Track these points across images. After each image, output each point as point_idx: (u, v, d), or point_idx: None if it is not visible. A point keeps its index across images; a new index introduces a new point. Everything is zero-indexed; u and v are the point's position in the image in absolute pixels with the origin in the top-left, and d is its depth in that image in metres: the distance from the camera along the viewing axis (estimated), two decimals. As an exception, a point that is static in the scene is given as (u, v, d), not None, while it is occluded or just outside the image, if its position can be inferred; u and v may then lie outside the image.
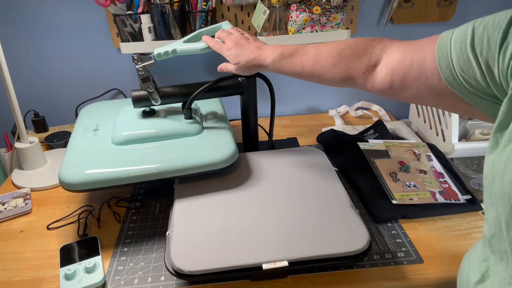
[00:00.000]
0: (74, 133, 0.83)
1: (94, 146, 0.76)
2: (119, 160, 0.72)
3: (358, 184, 0.83)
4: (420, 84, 0.48)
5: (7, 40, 1.06)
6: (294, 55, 0.63)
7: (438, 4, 1.10)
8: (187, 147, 0.75)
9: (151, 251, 0.69)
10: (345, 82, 0.59)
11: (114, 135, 0.78)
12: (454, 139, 0.94)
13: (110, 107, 0.93)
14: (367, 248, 0.60)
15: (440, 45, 0.44)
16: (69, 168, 0.71)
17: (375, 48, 0.55)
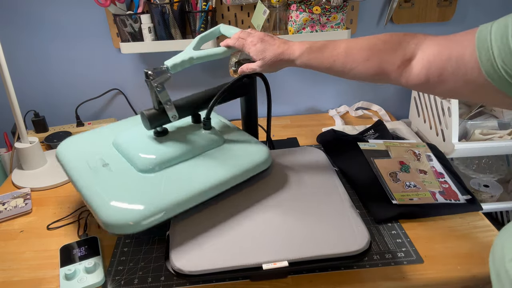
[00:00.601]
0: (79, 175, 0.68)
1: (125, 182, 0.65)
2: (167, 188, 0.64)
3: (358, 184, 0.83)
4: (458, 78, 0.48)
5: (7, 40, 1.06)
6: (324, 49, 0.62)
7: (438, 4, 1.10)
8: (223, 158, 0.71)
9: (151, 251, 0.69)
10: (378, 77, 0.58)
11: (139, 163, 0.67)
12: (454, 139, 0.94)
13: (92, 138, 0.79)
14: (367, 248, 0.60)
15: (479, 38, 0.44)
16: (118, 213, 0.59)
17: (410, 43, 0.55)
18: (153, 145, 0.71)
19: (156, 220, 0.60)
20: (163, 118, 0.71)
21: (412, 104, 1.21)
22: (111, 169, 0.68)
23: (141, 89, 1.19)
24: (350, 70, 0.60)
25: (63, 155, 0.75)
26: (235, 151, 0.73)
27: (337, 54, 0.61)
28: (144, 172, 0.67)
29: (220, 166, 0.69)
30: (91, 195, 0.63)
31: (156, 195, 0.62)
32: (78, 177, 0.68)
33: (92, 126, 1.15)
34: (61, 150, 0.76)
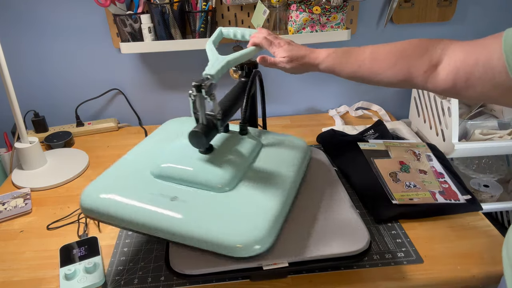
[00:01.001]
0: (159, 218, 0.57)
1: (219, 206, 0.59)
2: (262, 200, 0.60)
3: (358, 184, 0.83)
4: (485, 82, 0.48)
5: (7, 40, 1.06)
6: (349, 54, 0.64)
7: (438, 4, 1.10)
8: (278, 158, 0.70)
9: (151, 251, 0.69)
10: (404, 82, 0.59)
11: (214, 183, 0.61)
12: (454, 139, 0.94)
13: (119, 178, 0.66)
14: (367, 248, 0.60)
15: (506, 41, 0.45)
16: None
17: (436, 48, 0.55)
18: (211, 163, 0.63)
19: (275, 234, 0.57)
20: (213, 131, 0.64)
21: (412, 104, 1.21)
22: (185, 200, 0.59)
23: (141, 89, 1.19)
24: (376, 75, 0.61)
25: (107, 205, 0.59)
26: (278, 148, 0.73)
27: (363, 59, 0.62)
28: (222, 191, 0.61)
29: (282, 167, 0.67)
30: (205, 233, 0.54)
31: (261, 210, 0.58)
32: (164, 221, 0.56)
33: (92, 126, 1.15)
34: (102, 203, 0.59)
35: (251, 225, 0.55)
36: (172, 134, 0.77)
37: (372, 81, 0.62)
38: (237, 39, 0.79)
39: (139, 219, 0.57)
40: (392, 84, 0.61)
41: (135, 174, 0.65)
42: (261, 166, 0.67)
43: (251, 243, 0.53)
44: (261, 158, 0.70)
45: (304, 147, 0.76)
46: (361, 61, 0.62)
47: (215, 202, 0.59)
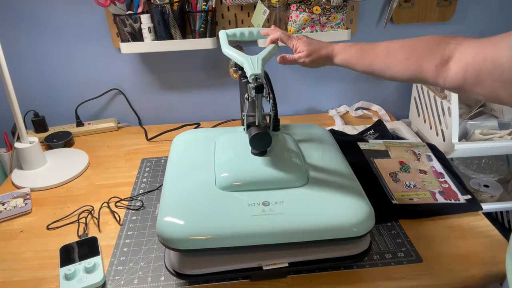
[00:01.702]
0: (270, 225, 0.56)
1: (313, 198, 0.60)
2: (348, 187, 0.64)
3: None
4: (494, 79, 0.49)
5: (7, 40, 1.06)
6: (364, 48, 0.65)
7: (438, 4, 1.10)
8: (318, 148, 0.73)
9: (151, 251, 0.69)
10: (416, 77, 0.59)
11: (295, 179, 0.61)
12: (454, 139, 0.94)
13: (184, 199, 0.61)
14: (367, 248, 0.60)
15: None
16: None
17: (449, 44, 0.55)
18: (276, 162, 0.63)
19: None
20: (270, 131, 0.63)
21: (412, 104, 1.21)
22: (276, 201, 0.58)
23: (141, 89, 1.19)
24: (389, 69, 0.62)
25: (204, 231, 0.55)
26: (310, 139, 0.74)
27: (377, 52, 0.63)
28: (302, 185, 0.61)
29: (327, 152, 0.71)
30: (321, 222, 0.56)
31: (347, 190, 0.62)
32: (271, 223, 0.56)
33: (92, 126, 1.15)
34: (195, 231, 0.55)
35: (356, 205, 0.58)
36: (195, 147, 0.74)
37: (385, 75, 0.63)
38: (245, 39, 0.79)
39: (245, 231, 0.55)
40: (404, 79, 0.61)
41: (202, 193, 0.61)
42: (311, 157, 0.69)
43: (365, 220, 0.57)
44: (304, 150, 0.71)
45: (327, 133, 0.79)
46: (375, 54, 0.63)
47: (305, 195, 0.60)
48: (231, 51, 0.71)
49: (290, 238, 0.56)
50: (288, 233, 0.55)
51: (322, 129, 0.81)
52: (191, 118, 1.23)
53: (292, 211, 0.57)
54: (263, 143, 0.61)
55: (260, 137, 0.59)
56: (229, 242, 0.55)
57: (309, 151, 0.71)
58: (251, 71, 0.61)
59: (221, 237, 0.55)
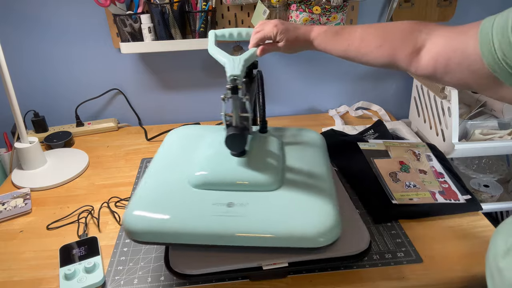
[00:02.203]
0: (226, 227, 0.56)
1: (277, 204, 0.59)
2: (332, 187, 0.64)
3: (358, 184, 0.83)
4: (463, 69, 0.49)
5: (7, 40, 1.06)
6: (341, 33, 0.65)
7: (438, 4, 1.10)
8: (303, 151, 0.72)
9: (151, 251, 0.69)
10: (388, 64, 0.60)
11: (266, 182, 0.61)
12: (454, 139, 0.94)
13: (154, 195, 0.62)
14: (367, 248, 0.60)
15: (482, 31, 0.45)
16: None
17: (421, 32, 0.56)
18: (252, 164, 0.63)
19: None
20: (247, 132, 0.62)
21: (412, 104, 1.21)
22: (242, 203, 0.58)
23: (141, 89, 1.19)
24: (363, 55, 0.62)
25: (164, 225, 0.56)
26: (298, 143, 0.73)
27: (353, 38, 0.63)
28: (273, 189, 0.61)
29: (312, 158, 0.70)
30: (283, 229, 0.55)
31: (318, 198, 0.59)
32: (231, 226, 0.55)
33: (92, 126, 1.15)
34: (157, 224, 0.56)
35: (323, 214, 0.56)
36: (185, 143, 0.74)
37: (360, 60, 0.63)
38: (234, 39, 0.79)
39: (204, 230, 0.55)
40: (379, 65, 0.62)
41: (173, 189, 0.61)
42: (293, 161, 0.68)
43: (329, 230, 0.55)
44: (289, 154, 0.70)
45: (319, 138, 0.78)
46: (350, 40, 0.63)
47: (272, 200, 0.59)
48: (215, 51, 0.70)
49: (246, 242, 0.55)
50: (245, 237, 0.54)
51: (315, 133, 0.80)
52: (191, 118, 1.23)
53: (255, 214, 0.56)
54: (237, 144, 0.60)
55: (233, 138, 0.59)
56: (186, 239, 0.55)
57: (292, 155, 0.70)
58: (230, 72, 0.61)
59: (178, 234, 0.55)
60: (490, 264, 0.46)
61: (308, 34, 0.68)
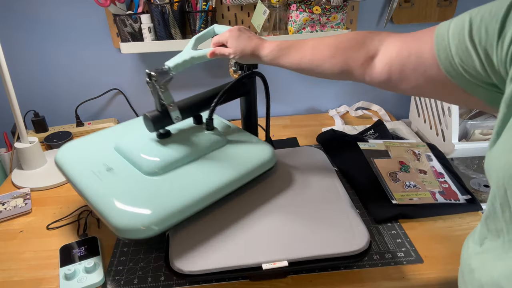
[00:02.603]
0: (84, 181, 0.66)
1: (132, 186, 0.64)
2: (175, 191, 0.63)
3: (358, 184, 0.83)
4: (418, 75, 0.48)
5: (7, 40, 1.06)
6: (292, 47, 0.63)
7: (438, 4, 1.10)
8: (228, 158, 0.71)
9: (151, 251, 0.69)
10: (343, 74, 0.59)
11: (144, 167, 0.66)
12: (454, 139, 0.94)
13: (92, 143, 0.76)
14: (367, 248, 0.60)
15: (438, 36, 0.45)
16: (129, 218, 0.58)
17: (374, 40, 0.55)
18: (156, 148, 0.70)
19: (168, 224, 0.59)
20: (166, 119, 0.70)
21: (412, 104, 1.21)
22: (116, 173, 0.66)
23: (141, 89, 1.19)
24: (316, 67, 0.61)
25: (63, 161, 0.71)
26: (239, 151, 0.73)
27: (304, 51, 0.62)
28: (150, 175, 0.66)
29: (226, 166, 0.69)
30: (99, 202, 0.61)
31: (165, 199, 0.61)
32: (83, 184, 0.65)
33: (92, 126, 1.15)
34: (61, 156, 0.73)
35: (142, 211, 0.59)
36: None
37: (314, 73, 0.62)
38: None
39: (76, 180, 0.66)
40: (333, 76, 0.60)
41: (102, 144, 0.74)
42: (205, 162, 0.70)
43: (132, 227, 0.57)
44: (214, 155, 0.72)
45: (265, 154, 0.74)
46: (302, 53, 0.62)
47: (138, 183, 0.64)
48: (191, 41, 0.73)
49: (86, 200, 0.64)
50: (85, 195, 0.64)
51: (267, 148, 0.76)
52: (191, 118, 1.23)
53: (109, 184, 0.64)
54: (147, 124, 0.71)
55: (144, 118, 0.70)
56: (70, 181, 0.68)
57: (215, 158, 0.71)
58: (167, 61, 0.69)
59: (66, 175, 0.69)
60: (463, 265, 0.46)
61: (257, 50, 0.66)
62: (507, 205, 0.36)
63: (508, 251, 0.37)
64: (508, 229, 0.37)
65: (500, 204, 0.37)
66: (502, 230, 0.38)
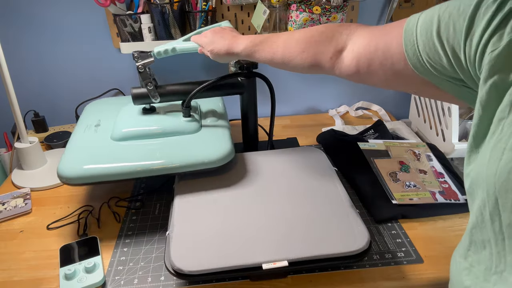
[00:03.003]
0: (77, 128, 0.85)
1: (93, 141, 0.78)
2: (116, 155, 0.73)
3: (358, 184, 0.83)
4: (386, 69, 0.48)
5: (7, 40, 1.06)
6: (265, 42, 0.64)
7: (438, 4, 1.10)
8: (184, 145, 0.76)
9: (151, 251, 0.69)
10: (314, 68, 0.59)
11: (113, 131, 0.79)
12: (454, 139, 0.94)
13: (115, 104, 0.95)
14: (367, 248, 0.60)
15: (406, 32, 0.44)
16: (68, 162, 0.72)
17: (342, 34, 0.55)
18: (135, 120, 0.82)
19: (92, 179, 0.70)
20: (147, 97, 0.81)
21: (412, 104, 1.21)
22: (97, 131, 0.81)
23: (141, 89, 1.19)
24: (289, 62, 0.61)
25: (85, 111, 0.93)
26: (199, 143, 0.77)
27: (276, 47, 0.62)
28: (115, 140, 0.78)
29: (177, 151, 0.74)
30: (68, 146, 0.78)
31: (108, 159, 0.72)
32: (76, 130, 0.84)
33: (92, 126, 1.15)
34: (87, 108, 0.95)
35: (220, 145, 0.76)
36: None
37: (287, 67, 0.63)
38: None
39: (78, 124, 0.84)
40: (304, 70, 0.61)
41: (116, 106, 0.88)
42: (165, 142, 0.77)
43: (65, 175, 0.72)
44: (177, 138, 0.78)
45: (222, 150, 0.75)
46: (275, 48, 0.63)
47: (100, 142, 0.77)
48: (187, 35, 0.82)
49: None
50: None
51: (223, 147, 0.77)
52: (191, 118, 1.23)
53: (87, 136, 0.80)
54: (132, 98, 0.81)
55: (131, 93, 0.81)
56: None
57: (176, 140, 0.78)
58: (155, 47, 0.78)
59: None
60: (455, 282, 0.45)
61: (231, 48, 0.67)
62: (497, 214, 0.34)
63: (499, 265, 0.36)
64: (496, 240, 0.35)
65: (490, 213, 0.35)
66: (489, 241, 0.36)
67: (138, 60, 0.77)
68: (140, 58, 0.77)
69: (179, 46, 0.77)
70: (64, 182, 0.71)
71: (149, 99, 0.81)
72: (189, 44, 0.77)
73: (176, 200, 0.71)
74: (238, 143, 0.99)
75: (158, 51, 0.77)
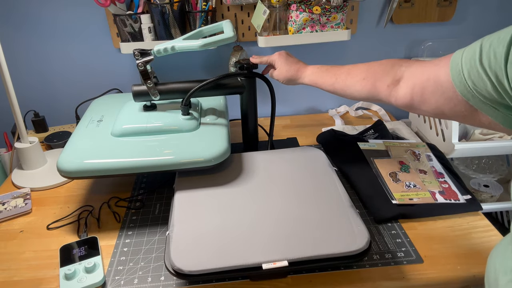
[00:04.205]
0: (81, 122, 0.87)
1: (94, 136, 0.80)
2: (115, 151, 0.74)
3: (358, 184, 0.83)
4: (437, 96, 0.53)
5: (7, 40, 1.06)
6: (330, 69, 0.75)
7: (438, 4, 1.10)
8: (180, 143, 0.77)
9: (151, 251, 0.69)
10: (371, 95, 0.66)
11: (114, 127, 0.80)
12: (454, 139, 0.94)
13: (120, 101, 0.96)
14: (367, 248, 0.60)
15: (453, 62, 0.49)
16: (67, 156, 0.74)
17: (401, 66, 0.61)
18: (135, 116, 0.82)
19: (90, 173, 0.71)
20: (147, 94, 0.82)
21: (412, 104, 1.21)
22: (99, 126, 0.83)
23: (141, 89, 1.19)
24: (349, 87, 0.69)
25: (92, 105, 0.96)
26: (196, 141, 0.78)
27: (340, 73, 0.72)
28: (115, 135, 0.79)
29: (174, 149, 0.75)
30: (71, 139, 0.80)
31: (107, 155, 0.73)
32: (80, 124, 0.86)
33: (92, 126, 1.15)
34: (94, 103, 0.98)
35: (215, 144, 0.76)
36: None
37: (346, 93, 0.71)
38: None
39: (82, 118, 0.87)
40: (362, 97, 0.68)
41: (121, 101, 0.90)
42: (162, 139, 0.78)
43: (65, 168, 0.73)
44: (174, 136, 0.79)
45: (218, 149, 0.75)
46: (338, 74, 0.72)
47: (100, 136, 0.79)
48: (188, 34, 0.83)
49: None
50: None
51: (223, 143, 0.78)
52: (191, 118, 1.23)
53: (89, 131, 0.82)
54: (133, 95, 0.82)
55: (132, 90, 0.82)
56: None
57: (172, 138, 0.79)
58: (156, 45, 0.79)
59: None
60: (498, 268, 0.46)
61: (300, 72, 0.80)
62: None
63: None
64: None
65: None
66: None
67: (139, 58, 0.78)
68: (140, 56, 0.79)
69: (179, 44, 0.78)
70: (62, 175, 0.72)
71: (149, 96, 0.82)
72: (189, 43, 0.78)
73: (176, 200, 0.71)
74: (238, 143, 0.99)
75: (157, 49, 0.79)
